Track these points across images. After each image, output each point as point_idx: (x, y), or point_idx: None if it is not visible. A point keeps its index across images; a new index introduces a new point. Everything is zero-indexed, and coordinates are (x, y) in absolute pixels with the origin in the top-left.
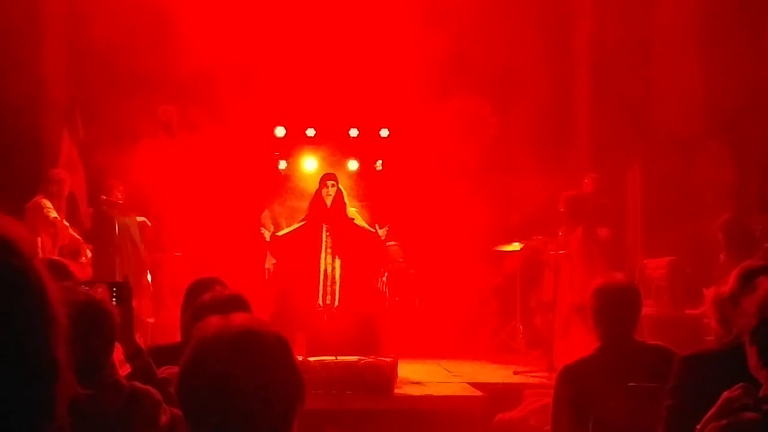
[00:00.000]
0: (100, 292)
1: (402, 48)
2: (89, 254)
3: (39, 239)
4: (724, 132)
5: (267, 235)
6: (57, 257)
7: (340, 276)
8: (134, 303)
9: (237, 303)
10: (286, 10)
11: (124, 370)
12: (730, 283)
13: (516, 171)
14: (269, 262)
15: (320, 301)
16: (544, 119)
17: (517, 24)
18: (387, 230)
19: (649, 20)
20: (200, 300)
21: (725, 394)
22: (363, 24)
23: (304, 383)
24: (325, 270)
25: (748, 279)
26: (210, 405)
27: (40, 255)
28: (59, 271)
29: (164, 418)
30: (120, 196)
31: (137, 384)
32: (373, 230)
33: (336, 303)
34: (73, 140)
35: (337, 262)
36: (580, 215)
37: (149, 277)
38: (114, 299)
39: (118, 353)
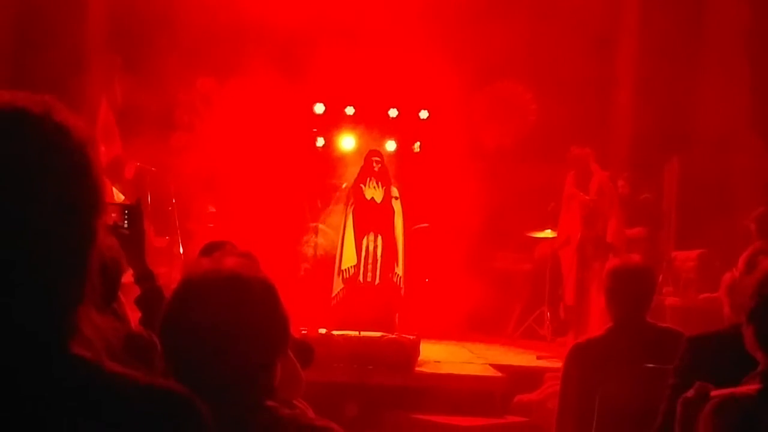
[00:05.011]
0: (113, 216)
1: (446, 31)
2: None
3: None
4: (762, 125)
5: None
6: None
7: (382, 254)
8: (164, 270)
9: None
10: None
11: (135, 292)
12: (738, 266)
13: (553, 158)
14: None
15: (360, 278)
16: (585, 109)
17: (563, 14)
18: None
19: (697, 14)
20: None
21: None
22: (408, 4)
23: (289, 331)
24: (367, 247)
25: (753, 261)
26: (190, 345)
27: None
28: None
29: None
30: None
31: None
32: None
33: (377, 281)
34: (111, 107)
35: (379, 240)
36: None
37: (181, 248)
38: (126, 221)
39: (128, 276)
